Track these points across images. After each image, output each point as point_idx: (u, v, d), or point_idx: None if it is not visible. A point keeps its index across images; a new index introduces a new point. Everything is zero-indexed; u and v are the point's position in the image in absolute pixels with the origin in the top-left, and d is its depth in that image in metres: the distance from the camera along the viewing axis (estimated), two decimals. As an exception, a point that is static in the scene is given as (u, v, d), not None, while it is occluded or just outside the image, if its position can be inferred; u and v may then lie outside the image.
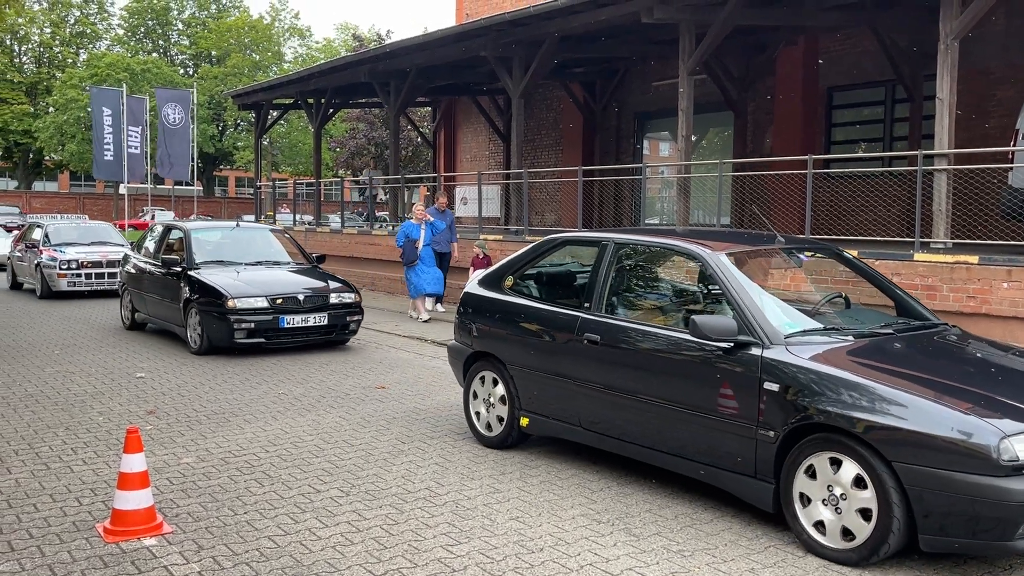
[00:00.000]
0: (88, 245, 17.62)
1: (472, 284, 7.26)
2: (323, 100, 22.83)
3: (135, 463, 4.82)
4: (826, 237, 11.18)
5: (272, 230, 13.80)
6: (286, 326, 10.64)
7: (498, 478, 5.94)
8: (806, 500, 4.70)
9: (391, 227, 20.16)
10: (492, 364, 6.74)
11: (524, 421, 6.42)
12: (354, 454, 6.50)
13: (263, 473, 6.01)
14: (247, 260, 11.82)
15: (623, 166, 17.97)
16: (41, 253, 17.09)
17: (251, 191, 57.77)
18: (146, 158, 35.49)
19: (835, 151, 15.75)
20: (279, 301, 10.62)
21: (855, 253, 10.02)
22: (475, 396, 6.92)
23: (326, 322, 10.93)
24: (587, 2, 13.14)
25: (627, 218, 17.31)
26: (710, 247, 5.62)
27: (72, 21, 60.36)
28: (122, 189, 39.65)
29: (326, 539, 4.84)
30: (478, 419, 6.87)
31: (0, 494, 5.48)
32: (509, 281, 6.88)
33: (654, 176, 18.08)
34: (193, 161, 36.04)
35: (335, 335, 11.16)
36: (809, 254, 6.46)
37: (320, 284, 11.29)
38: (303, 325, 10.76)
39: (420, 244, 13.39)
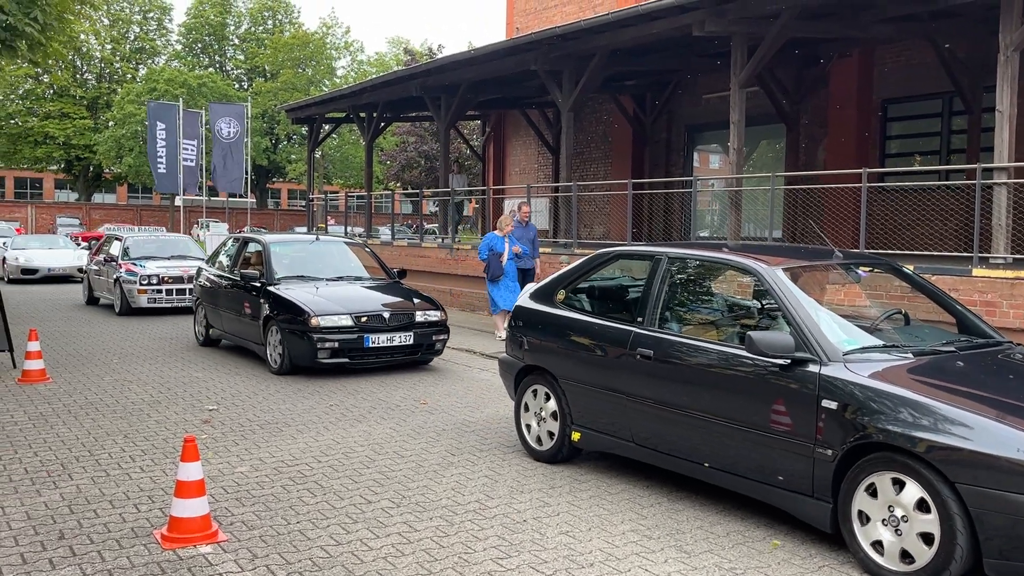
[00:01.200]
0: (168, 259, 16.90)
1: (524, 298, 7.25)
2: (375, 114, 23.10)
3: (192, 471, 4.90)
4: (881, 251, 11.00)
5: (351, 243, 13.24)
6: (371, 345, 10.09)
7: (548, 492, 5.93)
8: (864, 519, 4.61)
9: (440, 240, 20.28)
10: (543, 378, 6.74)
11: (576, 436, 6.40)
12: (404, 466, 6.54)
13: (315, 483, 6.07)
14: (328, 275, 11.34)
15: (673, 179, 17.88)
16: (120, 267, 16.31)
17: (303, 203, 58.59)
18: (201, 171, 36.17)
19: (890, 164, 15.50)
20: (364, 319, 10.12)
21: (911, 268, 9.86)
22: (526, 410, 6.91)
23: (412, 341, 10.35)
24: (638, 16, 13.13)
25: (677, 231, 17.20)
26: (766, 262, 5.56)
27: (132, 37, 61.92)
28: (177, 201, 40.47)
29: (377, 550, 4.87)
30: (529, 433, 6.86)
31: (62, 500, 5.61)
32: (561, 295, 6.87)
33: (704, 189, 17.96)
34: (247, 174, 36.63)
35: (420, 355, 10.62)
36: (867, 269, 6.35)
37: (405, 301, 10.78)
38: (388, 345, 10.19)
39: (504, 258, 12.65)
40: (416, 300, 10.87)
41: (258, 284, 10.88)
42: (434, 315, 10.63)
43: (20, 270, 23.01)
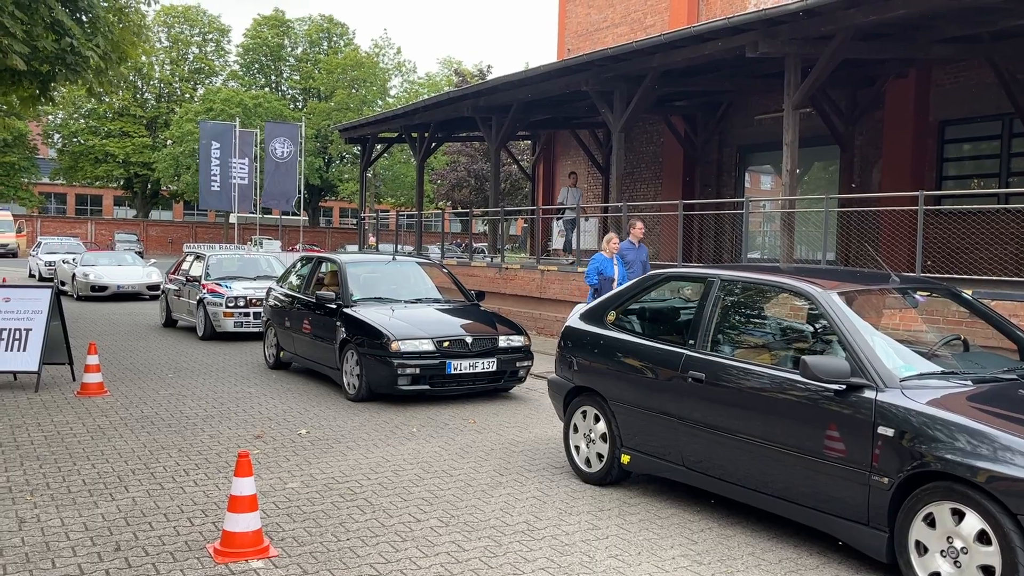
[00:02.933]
0: (253, 279, 15.69)
1: (574, 318, 7.22)
2: (426, 134, 23.32)
3: (245, 486, 4.97)
4: (938, 276, 10.79)
5: (428, 264, 12.75)
6: (453, 372, 9.57)
7: (597, 515, 5.89)
8: (922, 549, 4.51)
9: (489, 258, 20.36)
10: (593, 399, 6.71)
11: (625, 459, 6.37)
12: (453, 485, 6.55)
13: (365, 500, 6.11)
14: (405, 297, 10.86)
15: (724, 200, 17.76)
16: (203, 288, 15.27)
17: (355, 222, 59.25)
18: (254, 189, 36.83)
19: (947, 187, 15.21)
20: (446, 344, 9.60)
21: (970, 293, 9.65)
22: (575, 431, 6.89)
23: (495, 368, 9.82)
24: (690, 37, 13.12)
25: (728, 252, 17.07)
26: (821, 285, 5.49)
27: (191, 58, 63.39)
28: (232, 218, 41.21)
29: (426, 569, 4.88)
30: (578, 454, 6.84)
31: (118, 512, 5.72)
32: (612, 316, 6.85)
33: (756, 211, 17.80)
34: (300, 192, 37.21)
35: (503, 382, 10.13)
36: (924, 294, 6.23)
37: (487, 326, 10.29)
38: (471, 371, 9.68)
39: (616, 283, 11.21)
40: (499, 325, 10.43)
41: (334, 306, 10.48)
42: (517, 340, 10.17)
43: (90, 287, 22.66)
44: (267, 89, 62.39)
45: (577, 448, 6.85)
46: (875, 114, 15.83)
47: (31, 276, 30.15)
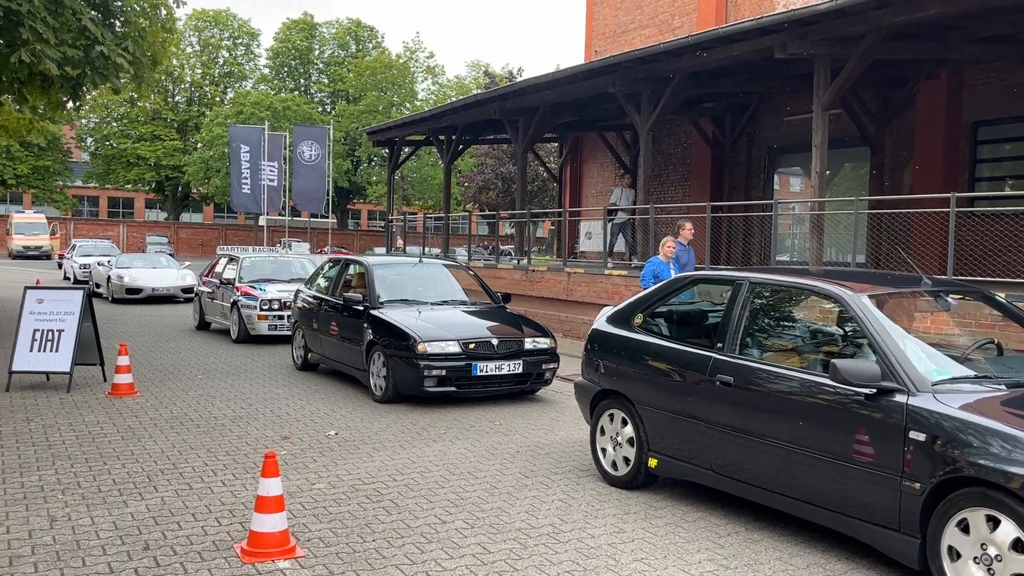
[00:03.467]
0: (287, 282, 15.61)
1: (601, 321, 7.18)
2: (454, 136, 23.38)
3: (272, 487, 5.00)
4: (971, 278, 10.64)
5: (455, 266, 12.78)
6: (479, 374, 9.58)
7: (622, 518, 5.87)
8: (955, 555, 4.43)
9: (516, 260, 20.36)
10: (620, 402, 6.68)
11: (653, 462, 6.34)
12: (479, 486, 6.55)
13: (391, 502, 6.12)
14: (432, 299, 10.91)
15: (753, 202, 17.64)
16: (237, 291, 15.24)
17: (382, 224, 59.55)
18: (283, 191, 37.11)
19: (980, 188, 15.01)
20: (472, 346, 9.62)
21: (1003, 296, 9.51)
22: (602, 434, 6.87)
23: (520, 370, 9.82)
24: (718, 38, 13.05)
25: (756, 255, 16.94)
26: (851, 288, 5.43)
27: (221, 62, 63.99)
28: (261, 221, 41.55)
29: (451, 571, 4.88)
30: (604, 457, 6.81)
31: (147, 511, 5.77)
32: (639, 319, 6.80)
33: (785, 213, 17.66)
34: (328, 195, 37.44)
35: (528, 384, 10.13)
36: (957, 297, 6.14)
37: (513, 328, 10.28)
38: (496, 373, 9.69)
39: None
40: (525, 327, 10.39)
41: (361, 308, 10.52)
42: (543, 343, 10.14)
43: (124, 289, 22.52)
44: (296, 92, 62.85)
45: (604, 451, 6.82)
46: (906, 115, 15.65)
47: (65, 279, 30.35)
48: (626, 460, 6.56)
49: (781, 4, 17.91)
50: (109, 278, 23.34)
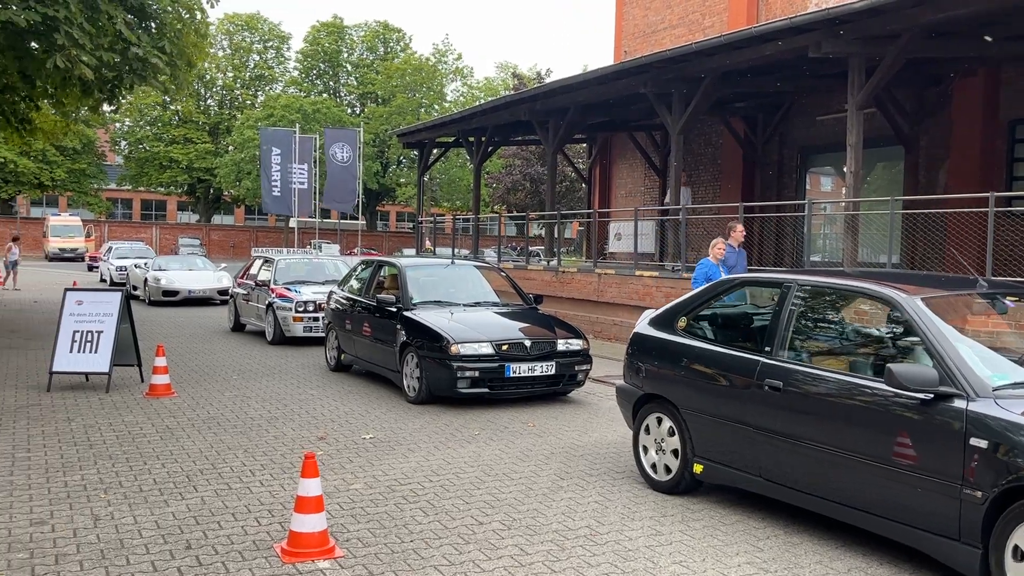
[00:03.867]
0: (322, 284, 15.66)
1: (643, 324, 7.09)
2: (483, 138, 23.44)
3: (311, 487, 5.04)
4: (1010, 279, 10.50)
5: (486, 267, 12.85)
6: (512, 375, 9.61)
7: (660, 520, 5.85)
8: (1019, 554, 4.30)
9: (546, 262, 20.36)
10: (663, 407, 6.59)
11: (698, 468, 6.23)
12: (514, 488, 6.56)
13: (427, 502, 6.15)
14: (464, 300, 10.95)
15: (785, 202, 17.52)
16: (272, 292, 15.36)
17: (411, 226, 59.76)
18: (313, 193, 37.36)
19: (1018, 188, 14.80)
20: (504, 347, 9.64)
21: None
22: (645, 439, 6.78)
23: (553, 372, 9.84)
24: (751, 38, 12.98)
25: (788, 255, 16.82)
26: (905, 291, 5.32)
27: (252, 65, 64.56)
28: (292, 223, 41.89)
29: (490, 572, 4.89)
30: (647, 463, 6.72)
31: (188, 511, 5.85)
32: (682, 322, 6.68)
33: (818, 213, 17.52)
34: (358, 197, 37.66)
35: (561, 386, 10.12)
36: (1013, 299, 5.98)
37: (546, 329, 10.30)
38: (529, 375, 9.71)
39: None
40: (557, 328, 10.41)
41: (394, 309, 10.56)
42: (576, 344, 10.15)
43: (161, 292, 22.47)
44: (325, 95, 63.26)
45: (646, 456, 6.72)
46: (942, 114, 15.48)
47: (102, 281, 30.63)
48: (669, 466, 6.48)
49: (814, 3, 17.77)
50: (146, 280, 23.33)
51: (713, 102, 16.30)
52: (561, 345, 10.02)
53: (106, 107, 15.40)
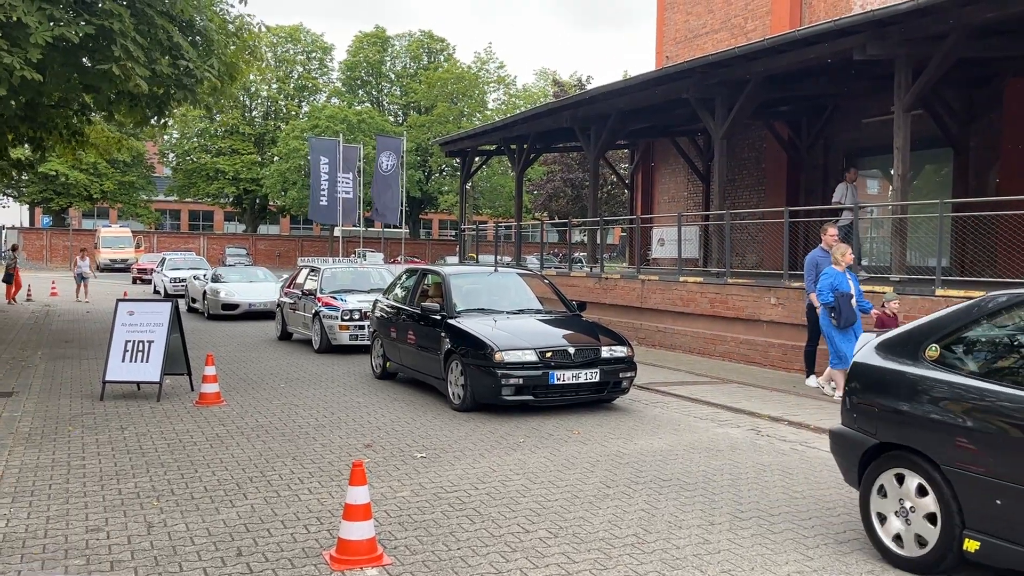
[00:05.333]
0: (367, 292, 15.78)
1: (867, 352, 5.75)
2: (524, 146, 23.48)
3: (359, 495, 5.09)
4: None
5: (529, 275, 12.80)
6: (556, 383, 9.56)
7: (707, 528, 5.81)
8: None
9: (588, 268, 20.33)
10: (911, 461, 5.19)
11: (972, 545, 4.80)
12: (560, 496, 6.56)
13: (473, 510, 6.17)
14: (507, 308, 10.93)
15: (831, 206, 17.31)
16: (318, 301, 15.52)
17: (453, 233, 60.04)
18: (358, 203, 37.68)
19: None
20: (548, 355, 9.61)
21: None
22: (880, 500, 5.37)
23: (598, 379, 9.78)
24: (795, 41, 12.87)
25: (835, 260, 16.59)
26: None
27: (296, 76, 65.40)
28: (337, 232, 42.33)
29: (537, 580, 4.90)
30: (886, 533, 5.31)
31: (239, 518, 5.93)
32: (933, 350, 5.29)
33: (864, 217, 17.27)
34: (401, 206, 37.94)
35: (606, 393, 10.06)
36: None
37: (589, 336, 10.24)
38: (574, 382, 9.65)
39: (854, 300, 10.48)
40: (601, 335, 10.33)
41: (438, 317, 10.61)
42: (620, 351, 10.06)
43: (220, 305, 21.46)
44: (368, 105, 63.85)
45: (885, 526, 5.33)
46: (992, 115, 15.20)
47: (155, 293, 30.09)
48: (922, 537, 5.07)
49: (858, 5, 17.56)
50: (205, 293, 22.40)
51: (756, 106, 16.16)
52: (605, 352, 9.97)
53: (154, 121, 15.72)
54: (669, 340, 16.00)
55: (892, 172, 12.45)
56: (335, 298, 15.47)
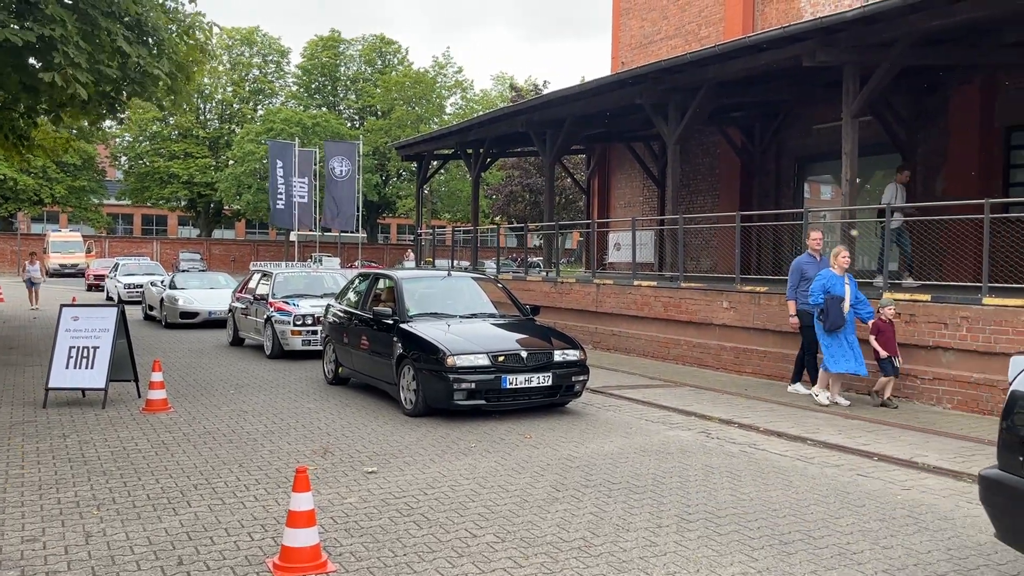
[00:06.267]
0: (320, 297, 15.68)
1: None
2: (481, 150, 23.49)
3: (303, 502, 5.02)
4: (1005, 286, 10.48)
5: (483, 279, 12.77)
6: (508, 387, 9.51)
7: (655, 530, 5.82)
8: None
9: (545, 272, 20.35)
10: None
11: None
12: (509, 499, 6.53)
13: (421, 515, 6.12)
14: (461, 312, 10.91)
15: (783, 211, 17.52)
16: (270, 306, 15.33)
17: (412, 238, 59.84)
18: (314, 207, 37.40)
19: (1015, 194, 14.79)
20: (501, 359, 9.57)
21: (1041, 303, 9.34)
22: None
23: (550, 383, 9.74)
24: (745, 47, 13.01)
25: (787, 264, 16.81)
26: None
27: (251, 79, 64.74)
28: (292, 236, 41.96)
29: (482, 585, 4.87)
30: None
31: (181, 526, 5.82)
32: None
33: (816, 221, 17.51)
34: (358, 210, 37.71)
35: (559, 397, 10.02)
36: None
37: (542, 340, 10.23)
38: (526, 386, 9.61)
39: (847, 305, 10.28)
40: (554, 339, 10.33)
41: (390, 321, 10.52)
42: (573, 355, 10.05)
43: (179, 313, 20.39)
44: (324, 108, 63.42)
45: None
46: (938, 121, 15.50)
47: (108, 300, 29.00)
48: None
49: (808, 12, 17.81)
50: (162, 300, 21.32)
51: (710, 112, 16.32)
52: (558, 356, 9.96)
53: (108, 122, 15.51)
54: (624, 344, 16.06)
55: (842, 178, 12.62)
56: (288, 303, 15.36)
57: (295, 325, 14.70)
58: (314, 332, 14.67)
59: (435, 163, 27.88)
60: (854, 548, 5.49)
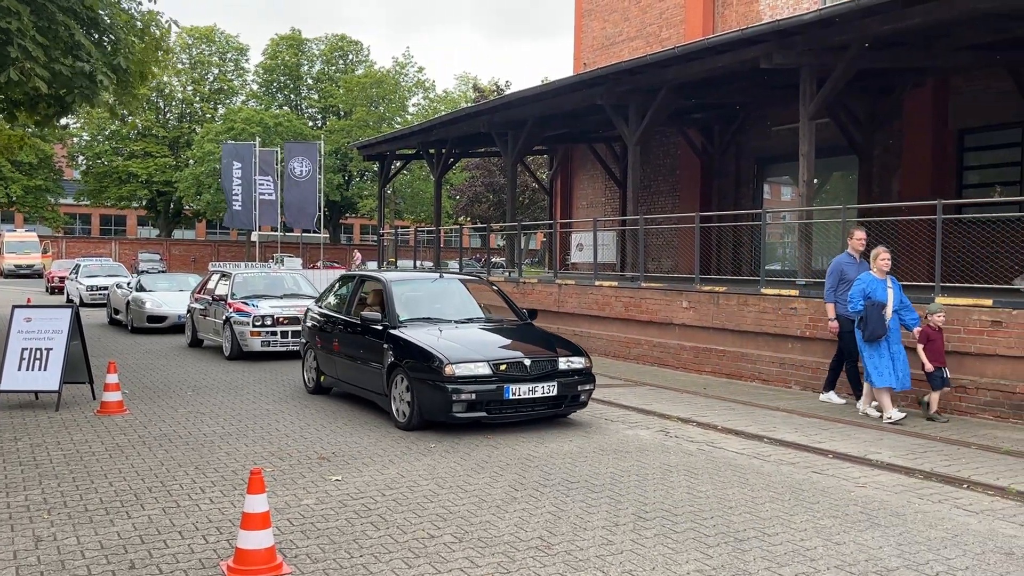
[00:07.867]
0: (280, 298, 15.54)
1: None
2: (444, 150, 23.46)
3: (257, 504, 4.97)
4: (957, 285, 10.68)
5: (476, 281, 12.16)
6: (511, 397, 8.84)
7: (611, 529, 5.85)
8: None
9: (507, 272, 20.36)
10: None
11: None
12: (467, 500, 6.53)
13: (379, 517, 6.10)
14: (455, 316, 10.22)
15: (742, 212, 17.70)
16: (229, 307, 15.11)
17: (375, 238, 59.64)
18: (279, 206, 37.08)
19: (968, 195, 15.08)
20: (503, 367, 8.90)
21: (990, 302, 9.54)
22: None
23: (555, 392, 9.09)
24: (704, 49, 13.13)
25: (746, 264, 16.99)
26: None
27: (211, 78, 64.04)
28: (253, 237, 41.57)
29: (439, 586, 4.86)
30: None
31: (134, 529, 5.74)
32: None
33: (775, 222, 17.73)
34: (320, 210, 37.46)
35: (563, 408, 9.43)
36: None
37: (545, 347, 9.55)
38: (530, 396, 8.95)
39: (889, 311, 9.50)
40: (558, 346, 9.65)
41: (379, 327, 9.79)
42: (578, 362, 9.41)
43: (147, 317, 19.22)
44: (286, 108, 62.93)
45: None
46: (894, 123, 15.76)
47: (69, 302, 27.86)
48: None
49: (768, 15, 18.02)
50: (128, 303, 20.17)
51: (670, 113, 16.45)
52: (563, 364, 9.30)
53: (62, 121, 15.26)
54: (585, 343, 16.09)
55: (799, 179, 12.78)
56: (247, 303, 15.19)
57: (254, 326, 14.53)
58: (274, 333, 14.57)
59: (397, 163, 27.81)
60: (805, 546, 5.56)
